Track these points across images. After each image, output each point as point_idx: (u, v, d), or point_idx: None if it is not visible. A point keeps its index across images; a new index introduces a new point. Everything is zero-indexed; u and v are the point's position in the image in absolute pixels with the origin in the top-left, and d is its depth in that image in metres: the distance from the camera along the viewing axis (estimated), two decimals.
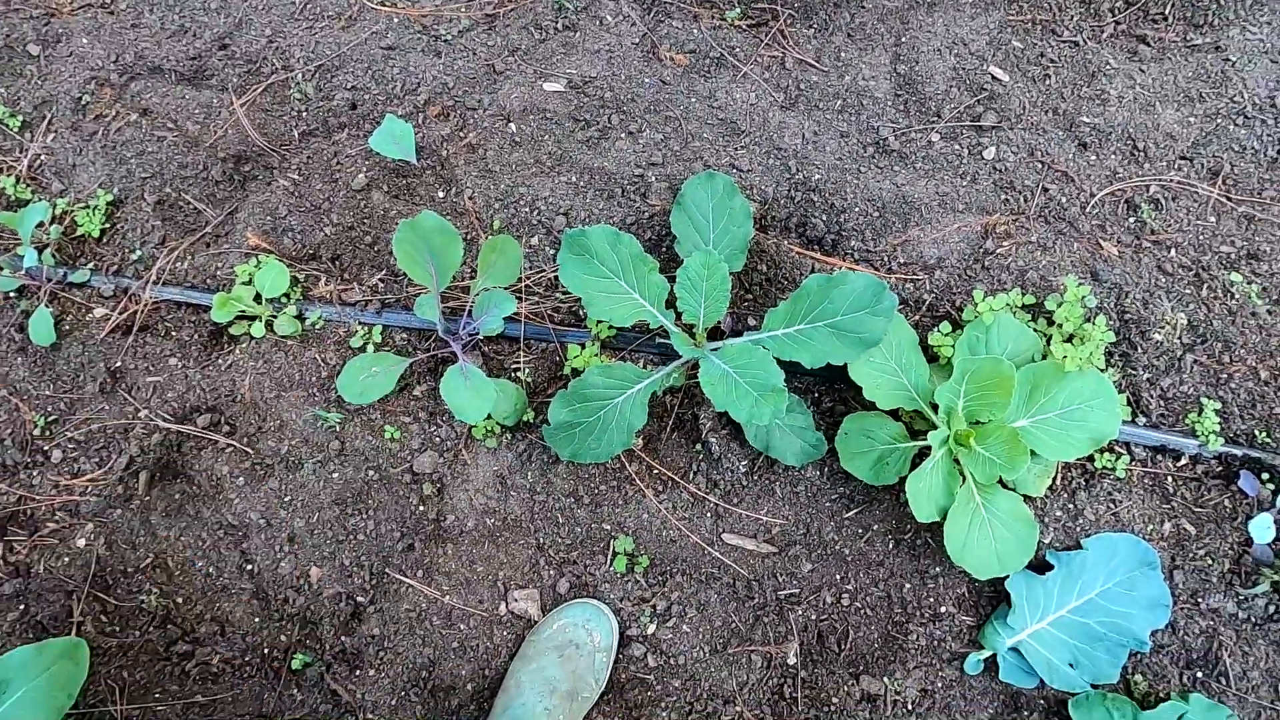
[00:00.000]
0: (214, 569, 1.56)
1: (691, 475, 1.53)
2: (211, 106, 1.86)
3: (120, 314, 1.71)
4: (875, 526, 1.48)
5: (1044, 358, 1.44)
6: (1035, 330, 1.47)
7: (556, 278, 1.66)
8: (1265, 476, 1.44)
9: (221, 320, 1.65)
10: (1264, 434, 1.48)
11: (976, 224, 1.64)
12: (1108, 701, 1.33)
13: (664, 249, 1.65)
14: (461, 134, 1.80)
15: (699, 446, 1.54)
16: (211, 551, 1.57)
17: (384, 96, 1.84)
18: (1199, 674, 1.37)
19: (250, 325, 1.67)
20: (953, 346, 1.45)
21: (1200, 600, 1.40)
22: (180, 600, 1.55)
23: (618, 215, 1.68)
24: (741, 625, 1.46)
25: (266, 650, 1.52)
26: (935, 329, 1.51)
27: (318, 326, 1.67)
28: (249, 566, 1.56)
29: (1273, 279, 1.59)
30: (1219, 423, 1.46)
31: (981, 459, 1.33)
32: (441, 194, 1.75)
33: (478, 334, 1.54)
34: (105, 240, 1.79)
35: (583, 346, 1.58)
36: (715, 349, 1.42)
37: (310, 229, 1.75)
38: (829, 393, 1.57)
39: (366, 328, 1.65)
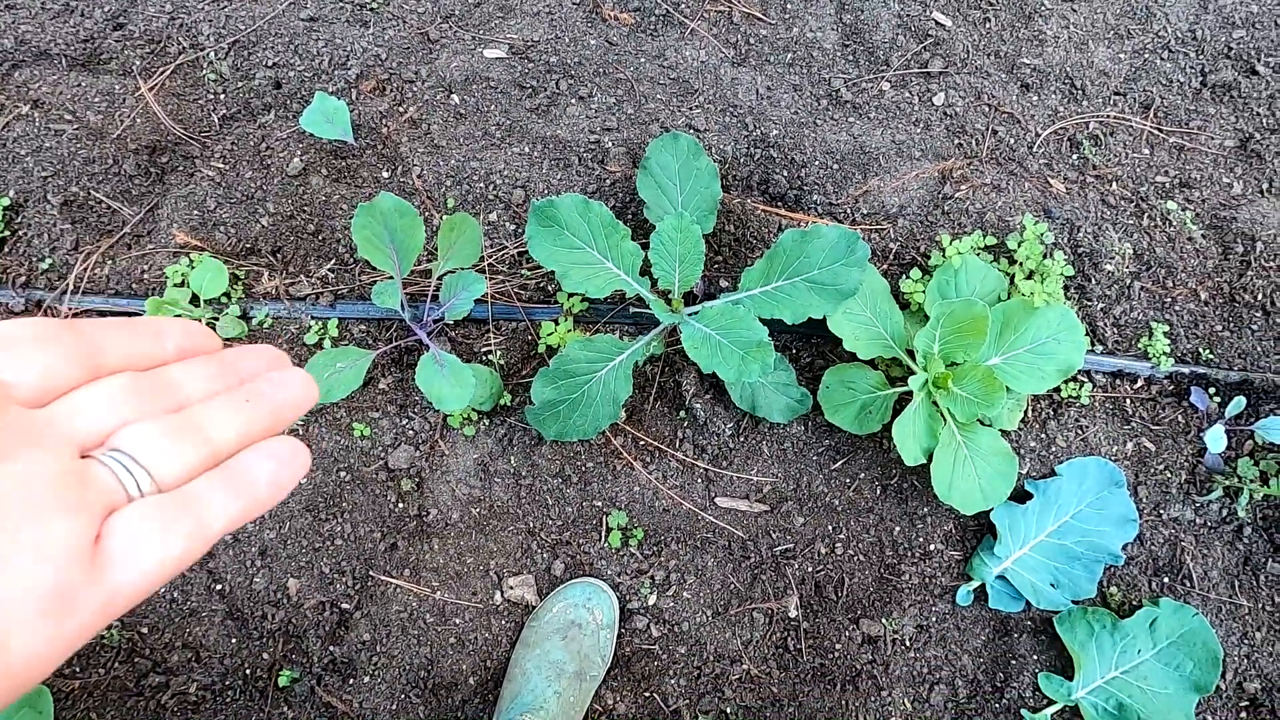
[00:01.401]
0: (179, 594, 1.46)
1: (678, 443, 1.51)
2: (114, 94, 1.69)
3: None
4: (862, 475, 1.50)
5: (1009, 295, 1.48)
6: (999, 269, 1.51)
7: (520, 254, 1.60)
8: (1212, 391, 1.54)
9: None
10: (1208, 351, 1.57)
11: (933, 170, 1.66)
12: (1089, 615, 1.41)
13: (630, 215, 1.61)
14: (400, 109, 1.69)
15: (683, 413, 1.52)
16: (174, 576, 1.46)
17: (311, 73, 1.71)
18: (1166, 579, 1.46)
19: None
20: (924, 292, 1.47)
21: (1162, 511, 1.49)
22: (145, 630, 1.45)
23: (577, 184, 1.62)
24: (740, 585, 1.47)
25: (248, 671, 1.44)
26: (905, 276, 1.53)
27: (266, 325, 1.56)
28: (218, 586, 1.46)
29: (1204, 205, 1.68)
30: (1168, 344, 1.54)
31: (960, 399, 1.36)
32: (386, 174, 1.65)
33: (444, 319, 1.46)
34: (7, 250, 1.61)
35: (555, 323, 1.53)
36: (693, 313, 1.40)
37: (245, 221, 1.62)
38: (806, 348, 1.57)
39: (320, 322, 1.55)
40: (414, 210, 1.31)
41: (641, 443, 1.52)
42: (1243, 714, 1.41)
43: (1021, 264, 1.51)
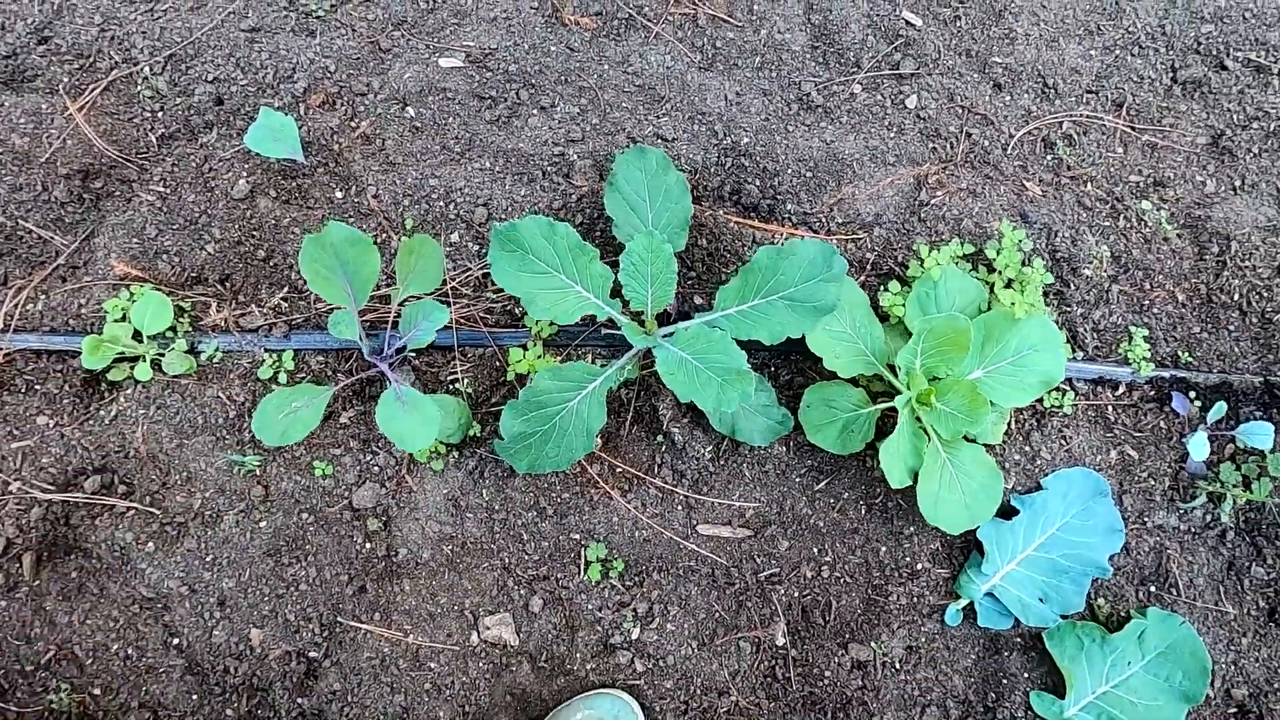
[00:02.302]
0: (133, 650, 1.38)
1: (657, 469, 1.46)
2: (41, 113, 1.57)
3: None
4: (846, 495, 1.47)
5: (989, 306, 1.45)
6: (978, 279, 1.48)
7: (485, 276, 1.53)
8: (1192, 395, 1.52)
9: (96, 366, 1.42)
10: (1186, 354, 1.56)
11: (908, 175, 1.62)
12: (1077, 629, 1.39)
13: (598, 233, 1.54)
14: (353, 124, 1.60)
15: (661, 438, 1.47)
16: (127, 631, 1.38)
17: (254, 87, 1.61)
18: (1152, 588, 1.45)
19: (133, 368, 1.45)
20: (904, 305, 1.43)
21: (1147, 519, 1.48)
22: (98, 691, 1.36)
23: (542, 200, 1.55)
24: (725, 614, 1.42)
25: None
26: (884, 288, 1.49)
27: (216, 360, 1.47)
28: (176, 641, 1.38)
29: (1178, 204, 1.66)
30: (1148, 349, 1.52)
31: (944, 415, 1.33)
32: (340, 194, 1.56)
33: (406, 349, 1.39)
34: None
35: (524, 349, 1.46)
36: (668, 335, 1.35)
37: (189, 249, 1.52)
38: (785, 365, 1.53)
39: (275, 355, 1.47)
40: (366, 239, 1.23)
41: (619, 470, 1.46)
42: None
43: (1000, 272, 1.47)
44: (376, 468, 1.44)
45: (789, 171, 1.61)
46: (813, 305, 1.30)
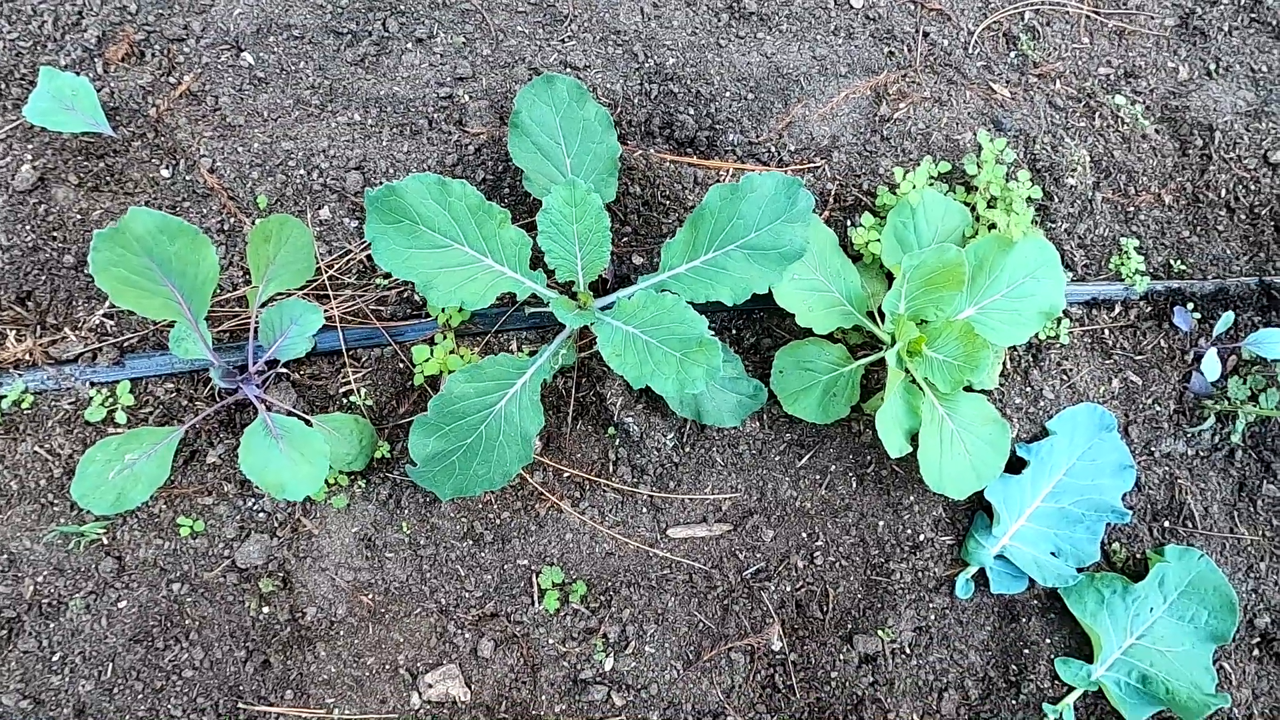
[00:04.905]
0: None
1: (612, 469, 1.22)
2: None
3: None
4: (833, 468, 1.27)
5: (974, 232, 1.25)
6: (958, 200, 1.27)
7: (370, 257, 1.22)
8: (1191, 306, 1.38)
9: None
10: (1179, 262, 1.41)
11: (865, 87, 1.38)
12: (1096, 582, 1.25)
13: (507, 189, 1.25)
14: (171, 79, 1.24)
15: (612, 431, 1.23)
16: None
17: (29, 41, 1.23)
18: (1166, 523, 1.33)
19: None
20: (879, 241, 1.21)
21: (1154, 449, 1.35)
22: None
23: (432, 156, 1.25)
24: (711, 624, 1.22)
25: None
26: (853, 223, 1.27)
27: (25, 405, 1.13)
28: None
29: (1153, 95, 1.49)
30: (1141, 260, 1.36)
31: (939, 365, 1.13)
32: (167, 172, 1.22)
33: (278, 362, 1.09)
34: None
35: (431, 344, 1.18)
36: (607, 307, 1.09)
37: None
38: (749, 325, 1.30)
39: (106, 389, 1.14)
40: (188, 226, 0.91)
41: (566, 476, 1.22)
42: (1256, 652, 1.31)
43: (982, 191, 1.27)
44: (262, 514, 1.15)
45: (727, 95, 1.35)
46: (777, 252, 1.07)
